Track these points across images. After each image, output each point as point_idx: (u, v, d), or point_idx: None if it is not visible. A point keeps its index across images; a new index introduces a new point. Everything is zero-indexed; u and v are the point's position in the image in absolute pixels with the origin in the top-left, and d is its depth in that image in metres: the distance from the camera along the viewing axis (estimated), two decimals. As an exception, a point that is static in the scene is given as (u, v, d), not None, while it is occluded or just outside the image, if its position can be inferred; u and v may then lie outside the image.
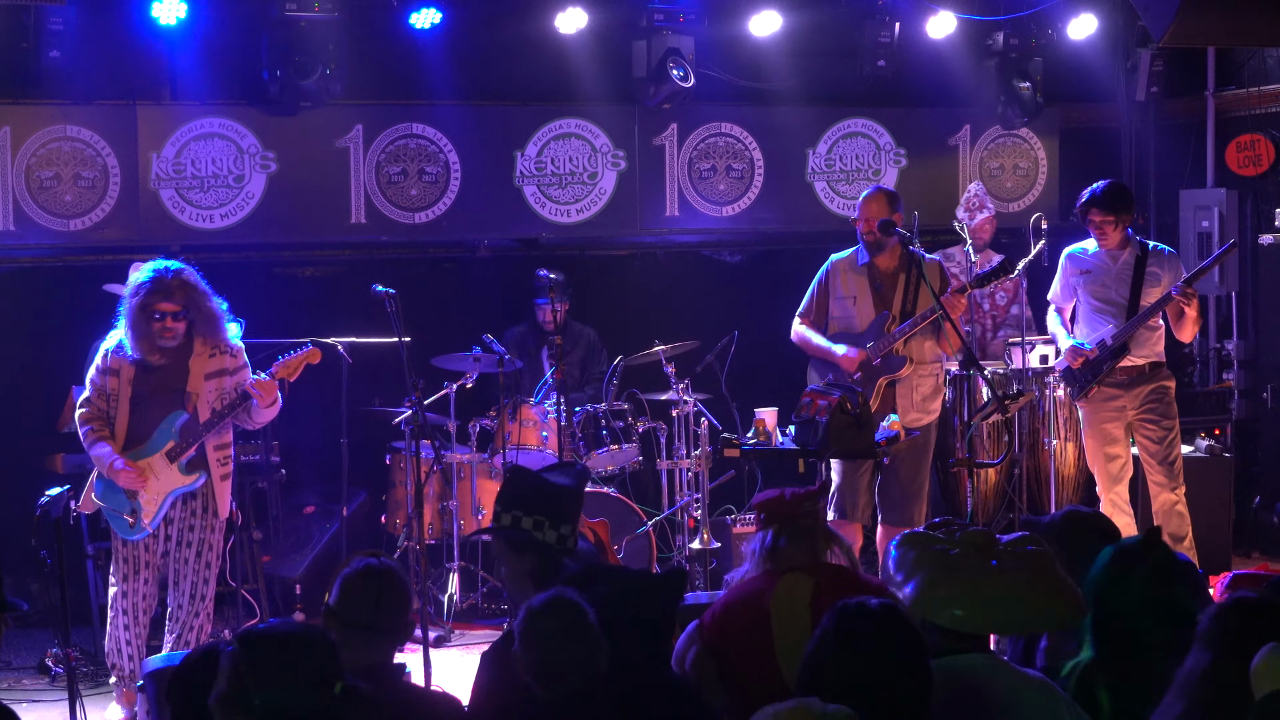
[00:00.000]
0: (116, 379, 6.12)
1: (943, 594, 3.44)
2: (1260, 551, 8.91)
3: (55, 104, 7.79)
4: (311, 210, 8.37)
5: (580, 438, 7.82)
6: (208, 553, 6.20)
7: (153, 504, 6.11)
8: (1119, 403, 7.32)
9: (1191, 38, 7.88)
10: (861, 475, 6.91)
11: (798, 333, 7.24)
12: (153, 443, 6.13)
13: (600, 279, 9.16)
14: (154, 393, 6.14)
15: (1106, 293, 7.34)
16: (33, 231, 7.83)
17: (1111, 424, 7.35)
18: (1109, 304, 7.33)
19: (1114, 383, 7.31)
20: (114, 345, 6.15)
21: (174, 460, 6.12)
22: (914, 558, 3.52)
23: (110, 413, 6.14)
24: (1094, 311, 7.37)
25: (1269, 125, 9.15)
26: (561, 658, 3.47)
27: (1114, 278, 7.32)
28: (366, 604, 3.58)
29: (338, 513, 7.78)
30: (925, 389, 7.09)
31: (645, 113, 8.86)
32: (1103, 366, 7.26)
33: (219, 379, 6.19)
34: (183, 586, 6.18)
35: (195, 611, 6.18)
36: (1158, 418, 7.31)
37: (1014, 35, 9.10)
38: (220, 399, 6.19)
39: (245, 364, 6.30)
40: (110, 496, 6.17)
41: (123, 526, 6.14)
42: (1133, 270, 7.29)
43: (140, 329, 6.04)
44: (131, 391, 6.12)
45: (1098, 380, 7.29)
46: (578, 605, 3.51)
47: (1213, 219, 9.13)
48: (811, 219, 9.31)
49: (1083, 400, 7.38)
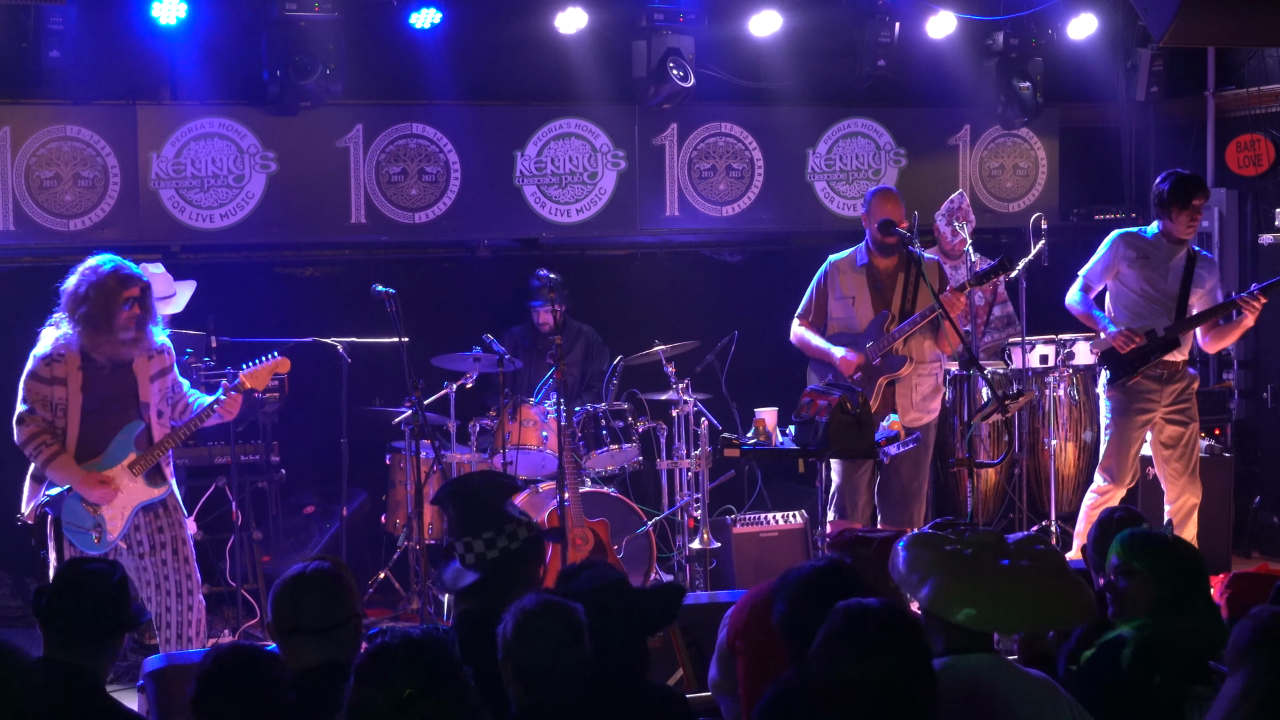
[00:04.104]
0: (64, 388, 5.83)
1: (959, 593, 3.45)
2: (1260, 551, 8.90)
3: (55, 104, 7.79)
4: (311, 210, 8.37)
5: (580, 438, 7.82)
6: (183, 548, 6.06)
7: (119, 517, 5.92)
8: (1153, 397, 7.19)
9: (1191, 38, 7.87)
10: (861, 475, 6.92)
11: (797, 334, 7.25)
12: (110, 455, 5.90)
13: (600, 279, 9.16)
14: (106, 403, 5.89)
15: (1161, 283, 7.18)
16: (33, 231, 7.83)
17: (1142, 416, 7.20)
18: (1162, 294, 7.18)
19: (1153, 375, 7.19)
20: (49, 352, 5.83)
21: (138, 473, 5.93)
22: (929, 558, 3.53)
23: (58, 424, 5.82)
24: (1143, 299, 7.20)
25: (1269, 125, 9.15)
26: (551, 661, 3.42)
27: (1170, 269, 7.20)
28: (289, 609, 3.66)
29: (338, 513, 7.79)
30: (925, 388, 7.10)
31: (645, 113, 8.86)
32: (1150, 356, 7.12)
33: (161, 379, 6.02)
34: (168, 587, 6.03)
35: (189, 606, 6.07)
36: (1186, 419, 7.26)
37: (1014, 35, 9.10)
38: (164, 400, 6.03)
39: (174, 361, 6.14)
40: (72, 511, 5.91)
41: (86, 541, 5.90)
42: (1184, 267, 7.21)
43: (102, 319, 5.77)
44: (82, 399, 5.85)
45: (1142, 370, 7.17)
46: (571, 609, 3.49)
47: (1213, 219, 9.13)
48: (811, 219, 9.32)
49: (1116, 388, 7.22)
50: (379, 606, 7.78)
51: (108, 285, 5.79)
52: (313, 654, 3.64)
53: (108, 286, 5.79)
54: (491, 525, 4.15)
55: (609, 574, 3.81)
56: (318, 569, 3.74)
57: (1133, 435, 7.25)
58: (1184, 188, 7.12)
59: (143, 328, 5.90)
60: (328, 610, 3.67)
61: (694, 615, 4.96)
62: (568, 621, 3.45)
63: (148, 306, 5.92)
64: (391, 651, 3.08)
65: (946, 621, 3.50)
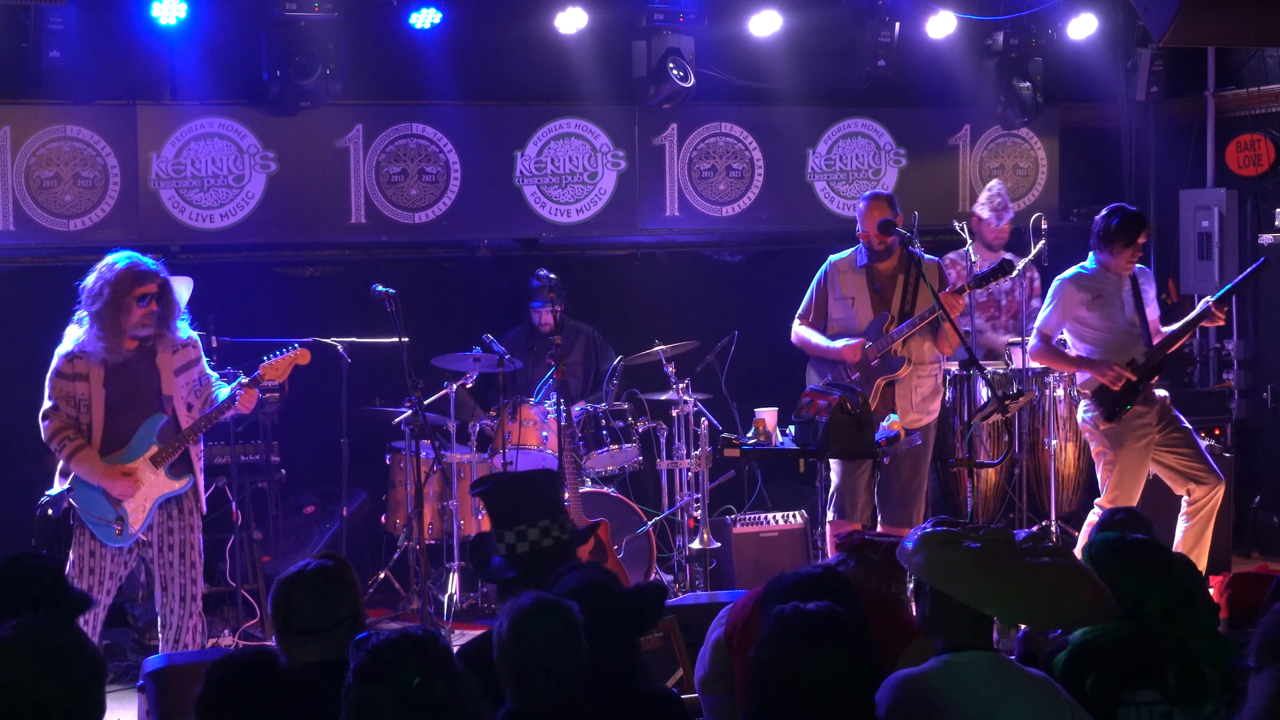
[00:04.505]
0: (86, 384, 5.91)
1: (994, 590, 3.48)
2: (1260, 551, 8.91)
3: (55, 104, 7.79)
4: (311, 210, 8.37)
5: (580, 438, 7.83)
6: (190, 552, 6.09)
7: (141, 510, 5.97)
8: (1147, 419, 7.13)
9: (1191, 38, 7.87)
10: (861, 475, 6.92)
11: (798, 334, 7.25)
12: (133, 448, 5.96)
13: (600, 279, 9.16)
14: (128, 396, 5.96)
15: (1120, 315, 7.16)
16: (33, 231, 7.83)
17: (1141, 443, 7.13)
18: (1126, 325, 7.15)
19: (1142, 400, 7.13)
20: (72, 349, 5.92)
21: (159, 465, 5.98)
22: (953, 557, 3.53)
23: (82, 419, 5.92)
24: (1110, 335, 7.15)
25: (1269, 125, 9.15)
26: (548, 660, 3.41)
27: (1123, 300, 7.17)
28: (280, 609, 3.68)
29: (338, 513, 7.79)
30: (924, 389, 7.10)
31: (645, 113, 8.86)
32: (1139, 387, 7.09)
33: (187, 373, 6.08)
34: (172, 590, 6.07)
35: (189, 613, 6.09)
36: (1180, 424, 7.21)
37: (1014, 35, 9.10)
38: (192, 393, 6.08)
39: (202, 353, 6.19)
40: (94, 505, 5.96)
41: (109, 534, 5.96)
42: (1132, 290, 7.19)
43: (117, 317, 5.84)
44: (105, 394, 5.92)
45: (1133, 401, 7.11)
46: (567, 608, 3.48)
47: (1213, 219, 9.13)
48: (811, 219, 9.32)
49: (1115, 422, 7.11)
50: (379, 606, 7.78)
51: (121, 282, 5.86)
52: (310, 652, 3.63)
53: (121, 283, 5.86)
54: (526, 520, 4.23)
55: (597, 573, 3.82)
56: (319, 568, 3.71)
57: (1140, 463, 7.14)
58: (1131, 225, 7.08)
59: (165, 324, 5.97)
60: (321, 611, 3.64)
61: (694, 615, 4.96)
62: (564, 621, 3.44)
63: (168, 302, 5.99)
64: (391, 646, 3.08)
65: (946, 620, 3.50)
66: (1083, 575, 3.62)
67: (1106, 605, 3.60)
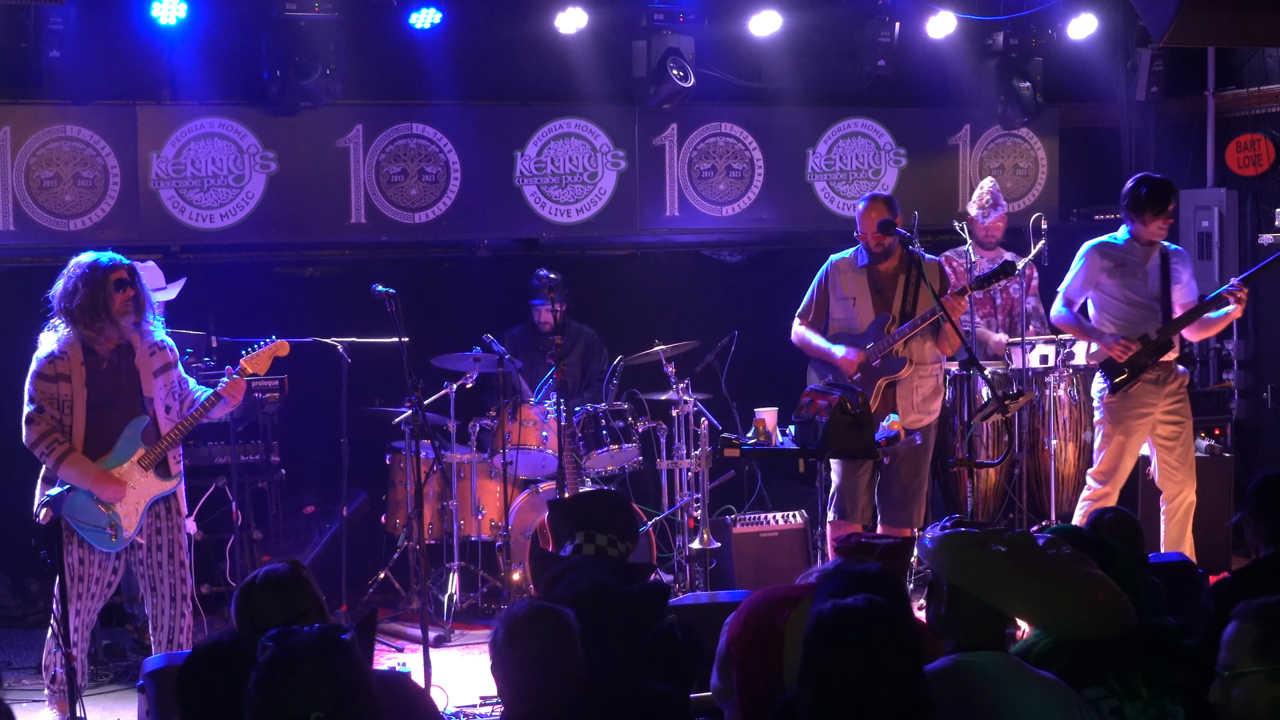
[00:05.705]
0: (69, 384, 5.91)
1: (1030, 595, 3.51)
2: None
3: (55, 104, 7.79)
4: (311, 210, 8.37)
5: (580, 438, 7.83)
6: (179, 552, 6.11)
7: (134, 514, 5.97)
8: (1150, 400, 7.19)
9: (1191, 38, 7.87)
10: (861, 475, 6.92)
11: (797, 334, 7.25)
12: (119, 451, 5.97)
13: (600, 279, 9.17)
14: (111, 398, 5.96)
15: (1142, 287, 7.20)
16: (33, 231, 7.84)
17: (1140, 420, 7.20)
18: (1145, 298, 7.20)
19: (1150, 379, 7.19)
20: (54, 350, 5.93)
21: (147, 467, 5.99)
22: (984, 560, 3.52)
23: (65, 420, 5.91)
24: (1128, 306, 7.22)
25: (1269, 125, 9.15)
26: (544, 666, 3.40)
27: (1148, 272, 7.22)
28: (244, 616, 3.74)
29: (338, 513, 7.78)
30: (925, 390, 7.09)
31: (645, 113, 8.86)
32: (1148, 361, 7.13)
33: (165, 375, 6.10)
34: (162, 591, 6.08)
35: (181, 613, 6.11)
36: (1181, 417, 7.26)
37: (1014, 35, 9.11)
38: (171, 395, 6.10)
39: (178, 357, 6.23)
40: (86, 512, 5.94)
41: (104, 540, 5.96)
42: (1159, 266, 7.24)
43: (103, 304, 5.87)
44: (87, 395, 5.91)
45: (1140, 376, 7.16)
46: (562, 613, 3.48)
47: (1213, 219, 9.14)
48: (811, 219, 9.32)
49: (1117, 395, 7.20)
50: (379, 607, 7.77)
51: (94, 274, 5.92)
52: None
53: (95, 275, 5.92)
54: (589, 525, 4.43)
55: (594, 577, 3.81)
56: (270, 571, 3.78)
57: (1132, 440, 7.25)
58: (1160, 193, 7.15)
59: (140, 311, 6.02)
60: (284, 605, 3.69)
61: (694, 615, 4.96)
62: (559, 626, 3.45)
63: (139, 285, 6.04)
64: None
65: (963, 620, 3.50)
66: (1099, 580, 3.62)
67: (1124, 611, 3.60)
